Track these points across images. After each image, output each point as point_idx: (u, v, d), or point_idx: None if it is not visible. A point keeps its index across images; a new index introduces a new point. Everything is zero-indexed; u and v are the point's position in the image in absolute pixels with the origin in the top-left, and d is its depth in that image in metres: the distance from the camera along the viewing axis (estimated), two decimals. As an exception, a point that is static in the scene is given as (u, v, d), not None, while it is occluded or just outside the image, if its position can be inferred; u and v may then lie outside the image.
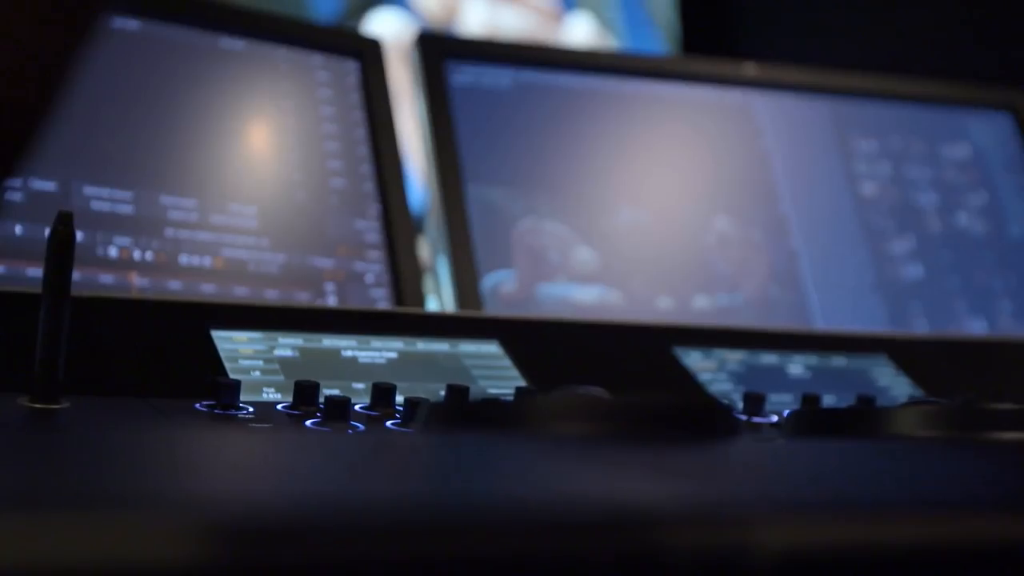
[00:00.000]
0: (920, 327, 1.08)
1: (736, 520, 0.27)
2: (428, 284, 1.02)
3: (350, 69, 1.03)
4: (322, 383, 0.68)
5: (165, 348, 0.71)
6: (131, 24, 0.94)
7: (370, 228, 0.98)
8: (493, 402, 0.54)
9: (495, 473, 0.31)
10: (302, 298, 0.93)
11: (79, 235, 0.84)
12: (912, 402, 0.75)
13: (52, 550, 0.23)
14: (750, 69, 1.15)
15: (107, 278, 0.87)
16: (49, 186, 0.87)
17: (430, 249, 1.05)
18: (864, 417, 0.48)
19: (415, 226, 1.00)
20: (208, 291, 0.90)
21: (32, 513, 0.23)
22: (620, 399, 0.44)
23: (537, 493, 0.28)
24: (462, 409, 0.47)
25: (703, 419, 0.42)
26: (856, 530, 0.29)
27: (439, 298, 1.00)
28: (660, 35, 2.08)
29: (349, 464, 0.31)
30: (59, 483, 0.26)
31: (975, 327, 1.10)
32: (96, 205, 0.88)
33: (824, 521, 0.29)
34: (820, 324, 1.05)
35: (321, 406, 0.65)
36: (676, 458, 0.35)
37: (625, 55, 1.42)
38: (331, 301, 0.94)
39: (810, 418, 0.50)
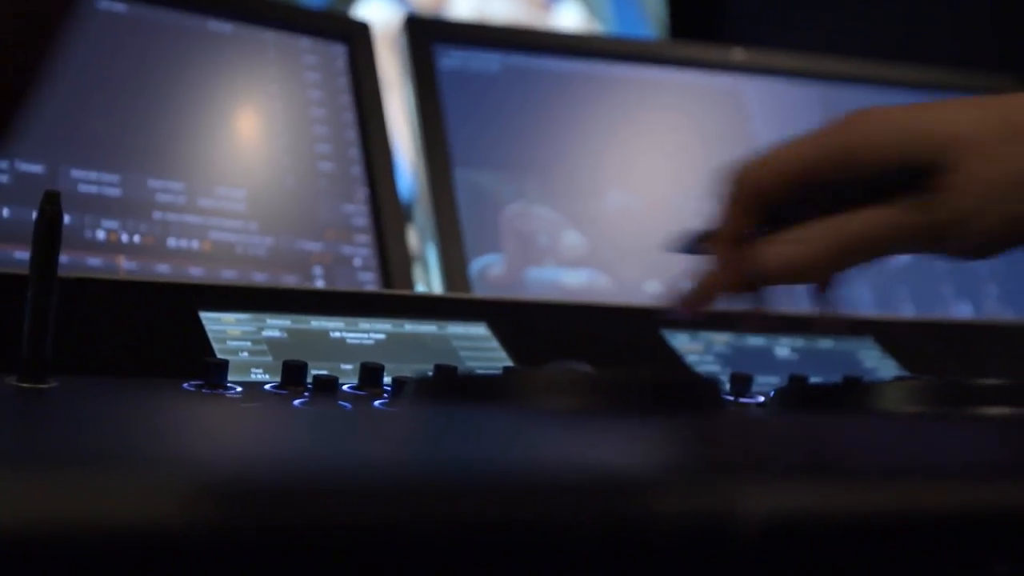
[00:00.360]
0: (907, 311, 1.09)
1: (721, 485, 0.28)
2: (417, 272, 1.02)
3: (338, 53, 1.03)
4: (310, 364, 0.68)
5: (153, 329, 0.71)
6: (119, 6, 0.94)
7: (358, 212, 0.98)
8: (479, 376, 0.55)
9: (480, 440, 0.31)
10: (290, 281, 0.93)
11: (66, 218, 0.84)
12: (898, 379, 0.76)
13: (41, 509, 0.23)
14: (739, 54, 1.15)
15: (95, 261, 0.87)
16: (36, 169, 0.87)
17: (418, 237, 1.05)
18: (850, 392, 0.48)
19: (403, 211, 1.00)
20: (196, 274, 0.90)
21: (22, 472, 0.23)
22: (606, 373, 0.44)
23: (521, 459, 0.28)
24: (449, 384, 0.47)
25: (689, 393, 0.42)
26: (839, 496, 0.30)
27: (428, 285, 1.00)
28: (648, 24, 2.08)
29: (336, 431, 0.31)
30: (48, 446, 0.26)
31: (961, 310, 1.11)
32: (84, 188, 0.88)
33: (808, 487, 0.29)
34: (807, 308, 1.05)
35: (309, 386, 0.66)
36: (661, 428, 0.35)
37: (614, 39, 1.42)
38: (319, 285, 0.94)
39: (796, 393, 0.51)
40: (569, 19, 2.05)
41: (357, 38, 1.03)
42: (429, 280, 0.99)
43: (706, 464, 0.29)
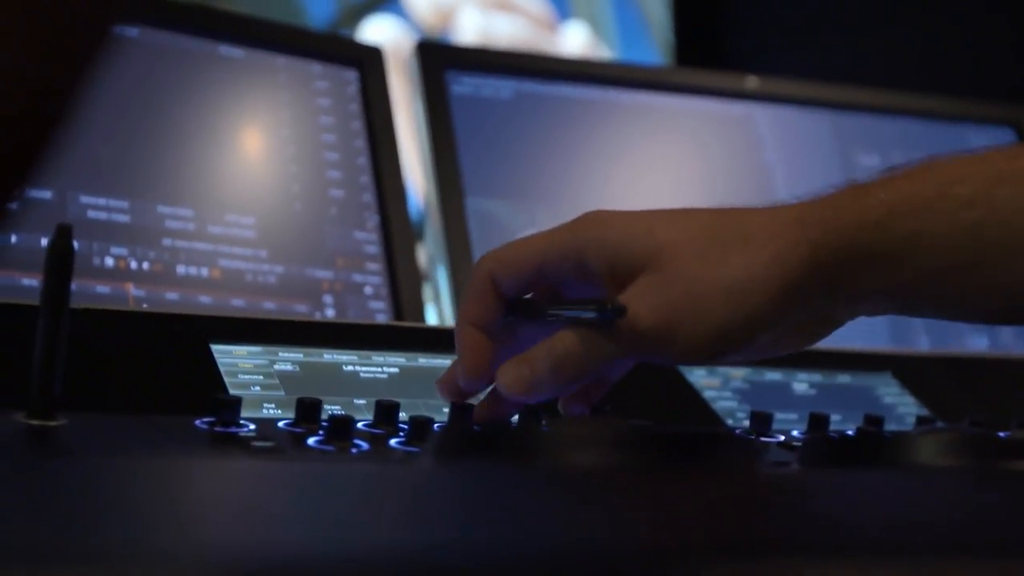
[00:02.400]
0: (922, 343, 1.07)
1: (774, 568, 0.27)
2: (427, 292, 1.01)
3: (350, 78, 1.02)
4: (323, 398, 0.67)
5: (164, 362, 0.70)
6: (130, 31, 0.93)
7: (369, 239, 0.97)
8: (501, 429, 0.53)
9: (512, 518, 0.30)
10: (300, 310, 0.92)
11: (75, 244, 0.83)
12: (926, 429, 0.74)
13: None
14: (752, 82, 1.14)
15: (103, 288, 0.86)
16: (45, 195, 0.86)
17: (428, 257, 1.04)
18: (880, 445, 0.47)
19: (414, 236, 0.99)
20: (205, 302, 0.88)
21: (30, 570, 0.22)
22: (634, 428, 0.43)
23: (561, 540, 0.27)
24: (470, 436, 0.46)
25: (721, 449, 0.41)
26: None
27: (438, 307, 0.99)
28: (654, 44, 2.08)
29: (359, 509, 0.30)
30: (57, 533, 0.25)
31: (977, 343, 1.09)
32: (93, 214, 0.87)
33: (862, 567, 0.28)
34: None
35: (323, 423, 0.64)
36: (698, 495, 0.34)
37: (626, 66, 1.41)
38: (329, 313, 0.93)
39: (825, 447, 0.50)
40: (575, 40, 2.04)
41: (368, 63, 1.02)
42: (440, 304, 0.98)
43: (757, 542, 0.28)
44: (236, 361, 0.72)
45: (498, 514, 0.30)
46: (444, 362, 0.76)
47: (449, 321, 0.95)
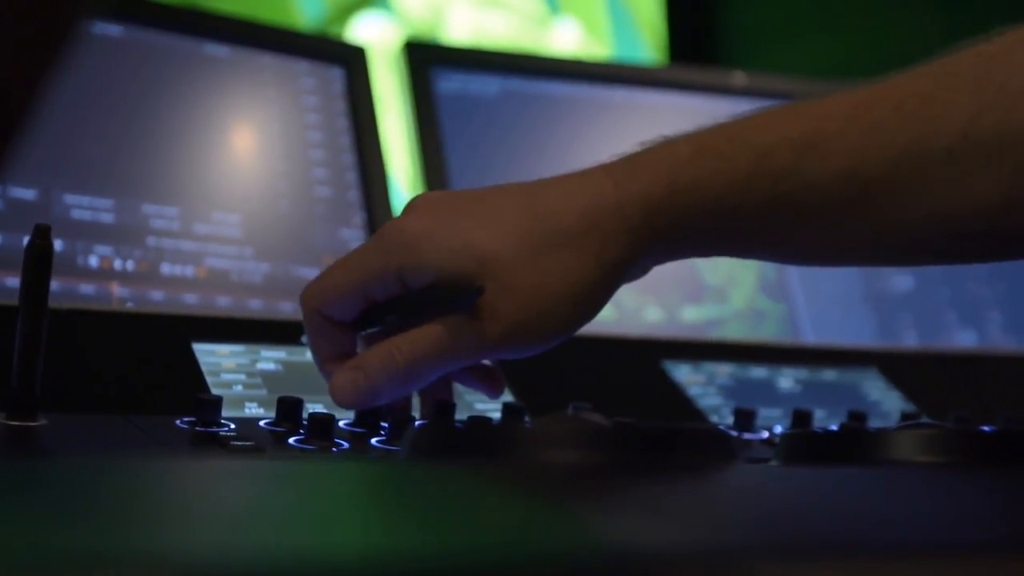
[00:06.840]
0: (910, 339, 1.07)
1: (744, 568, 0.26)
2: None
3: (335, 76, 1.01)
4: (305, 398, 0.67)
5: (146, 361, 0.70)
6: (114, 30, 0.93)
7: (355, 237, 0.97)
8: (482, 426, 0.53)
9: (488, 519, 0.29)
10: (285, 308, 0.92)
11: (59, 244, 0.83)
12: (908, 424, 0.74)
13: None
14: (740, 78, 1.14)
15: (87, 288, 0.85)
16: (29, 194, 0.85)
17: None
18: (861, 441, 0.47)
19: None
20: (190, 301, 0.88)
21: (9, 571, 0.22)
22: (613, 426, 0.43)
23: (538, 543, 0.27)
24: (450, 433, 0.46)
25: (700, 446, 0.41)
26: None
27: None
28: (646, 40, 2.07)
29: (337, 511, 0.30)
30: (36, 534, 0.25)
31: (965, 338, 1.09)
32: (77, 213, 0.87)
33: (833, 569, 0.28)
34: (809, 335, 1.04)
35: (304, 423, 0.64)
36: (675, 495, 0.34)
37: (614, 64, 1.41)
38: (315, 311, 0.93)
39: (804, 443, 0.49)
40: (567, 37, 2.04)
41: (354, 61, 1.02)
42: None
43: (727, 543, 0.28)
44: (219, 360, 0.71)
45: (477, 512, 0.30)
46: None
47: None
